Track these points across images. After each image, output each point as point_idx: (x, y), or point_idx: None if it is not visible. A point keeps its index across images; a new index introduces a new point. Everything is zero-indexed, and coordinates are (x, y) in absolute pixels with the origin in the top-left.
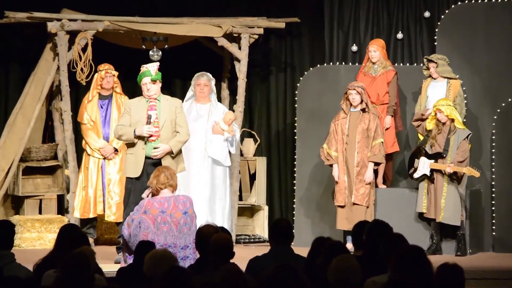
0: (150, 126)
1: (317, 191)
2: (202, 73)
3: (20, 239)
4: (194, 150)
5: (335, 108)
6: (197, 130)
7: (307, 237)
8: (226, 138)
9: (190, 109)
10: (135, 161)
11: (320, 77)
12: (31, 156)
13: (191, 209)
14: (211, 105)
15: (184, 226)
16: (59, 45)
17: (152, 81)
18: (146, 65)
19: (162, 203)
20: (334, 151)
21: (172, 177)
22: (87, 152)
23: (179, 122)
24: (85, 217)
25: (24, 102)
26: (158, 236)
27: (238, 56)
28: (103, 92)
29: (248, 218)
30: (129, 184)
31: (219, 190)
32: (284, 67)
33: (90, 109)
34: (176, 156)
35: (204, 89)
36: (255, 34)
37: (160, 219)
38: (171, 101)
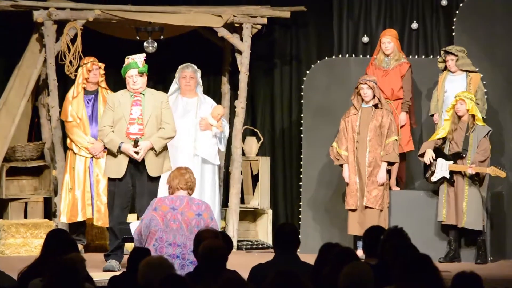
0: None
1: (326, 194)
2: (186, 65)
3: (4, 245)
4: (181, 148)
5: (345, 104)
6: (185, 126)
7: (314, 243)
8: (214, 134)
9: (176, 104)
10: (117, 160)
11: (328, 70)
12: (15, 155)
13: (206, 213)
14: (198, 99)
15: (195, 228)
16: (46, 36)
17: (139, 74)
18: (131, 56)
19: (174, 200)
20: (344, 150)
21: (195, 181)
22: (73, 150)
23: (165, 119)
24: (72, 221)
25: (8, 97)
26: (166, 234)
27: (240, 47)
28: (89, 87)
29: (250, 222)
30: (111, 186)
31: (208, 190)
32: (290, 59)
33: (75, 105)
34: (161, 153)
35: (190, 82)
36: (258, 24)
37: (170, 216)
38: (156, 95)
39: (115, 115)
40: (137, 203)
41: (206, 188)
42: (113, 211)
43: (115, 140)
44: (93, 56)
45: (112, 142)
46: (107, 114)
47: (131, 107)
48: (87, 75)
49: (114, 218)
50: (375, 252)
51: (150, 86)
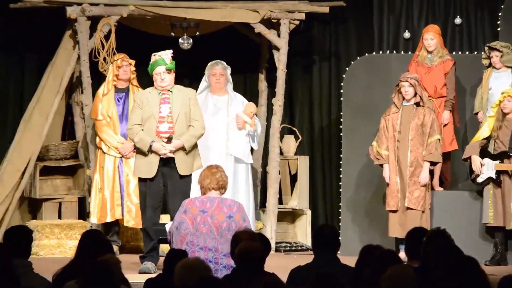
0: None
1: (366, 194)
2: (216, 62)
3: (38, 246)
4: (213, 148)
5: (386, 102)
6: (216, 125)
7: (354, 245)
8: (247, 132)
9: (206, 102)
10: (147, 160)
11: (369, 67)
12: (49, 154)
13: (238, 215)
14: (228, 97)
15: (227, 231)
16: (79, 32)
17: (166, 71)
18: (158, 53)
19: (204, 202)
20: (384, 149)
21: (226, 179)
22: (102, 150)
23: (194, 115)
24: (102, 221)
25: (41, 95)
26: (197, 238)
27: (277, 44)
28: (120, 85)
29: (289, 223)
30: (142, 186)
31: (242, 190)
32: (329, 56)
33: (106, 103)
34: (191, 152)
35: (220, 79)
36: (296, 19)
37: (200, 219)
38: (184, 92)
39: (144, 113)
40: (170, 203)
41: (240, 188)
42: (146, 212)
43: (146, 139)
44: (127, 53)
45: (143, 141)
46: (136, 112)
47: (159, 105)
48: (117, 71)
49: (147, 219)
50: (417, 254)
51: (185, 83)
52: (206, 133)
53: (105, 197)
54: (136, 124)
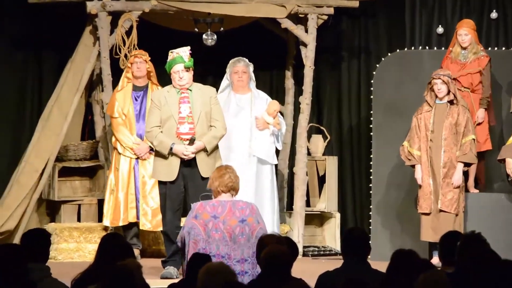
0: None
1: (397, 196)
2: (238, 59)
3: (56, 250)
4: (236, 148)
5: (418, 100)
6: (239, 125)
7: (385, 250)
8: (271, 132)
9: (229, 101)
10: (168, 162)
11: (400, 63)
12: (68, 155)
13: (251, 218)
14: (252, 95)
15: (240, 236)
16: (100, 28)
17: (185, 69)
18: (176, 50)
19: (216, 207)
20: (416, 149)
21: (236, 180)
22: (118, 150)
23: (215, 115)
24: (114, 224)
25: (61, 93)
26: (209, 245)
27: (305, 40)
28: (137, 82)
29: (317, 227)
30: (163, 188)
31: (267, 192)
32: (358, 52)
33: (121, 100)
34: (212, 153)
35: (242, 77)
36: (324, 14)
37: (212, 225)
38: (204, 90)
39: (163, 114)
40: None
41: (264, 190)
42: (166, 215)
43: (166, 142)
44: (148, 49)
45: (163, 144)
46: (154, 113)
47: (179, 104)
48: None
49: (168, 222)
50: (452, 259)
51: (209, 81)
52: (229, 133)
53: (119, 199)
54: (155, 126)
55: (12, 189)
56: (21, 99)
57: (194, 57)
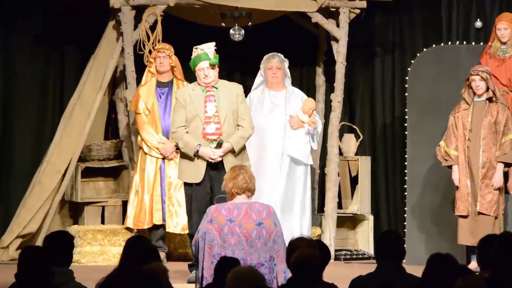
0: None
1: (433, 198)
2: (272, 54)
3: (80, 253)
4: (269, 148)
5: (455, 97)
6: (273, 123)
7: (421, 254)
8: (307, 131)
9: (263, 98)
10: (194, 164)
11: (436, 59)
12: (91, 155)
13: (268, 220)
14: (287, 92)
15: (257, 240)
16: (123, 23)
17: (210, 66)
18: (200, 46)
19: (231, 210)
20: (453, 149)
21: (251, 180)
22: (144, 150)
23: (242, 114)
24: (139, 227)
25: (83, 91)
26: (224, 250)
27: (336, 35)
28: (161, 78)
29: (349, 229)
30: (189, 190)
31: (298, 193)
32: (392, 47)
33: (144, 95)
34: (239, 154)
35: (277, 73)
36: (356, 8)
37: (227, 229)
38: (231, 87)
39: (188, 113)
40: None
41: (296, 191)
42: (192, 217)
43: (191, 144)
44: (173, 45)
45: (188, 146)
46: (179, 113)
47: (204, 103)
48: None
49: (194, 224)
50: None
51: (236, 78)
52: (262, 132)
53: (144, 201)
54: (180, 126)
55: (34, 190)
56: (43, 97)
57: (220, 53)
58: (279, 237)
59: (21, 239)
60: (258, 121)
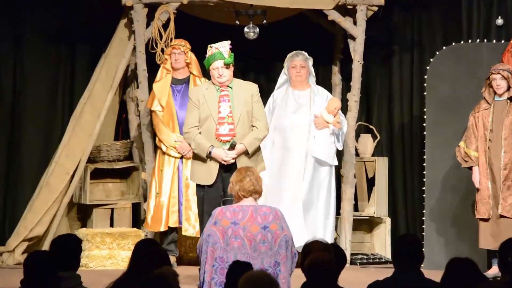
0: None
1: (453, 200)
2: (296, 52)
3: (88, 257)
4: (293, 149)
5: (475, 97)
6: (297, 123)
7: (440, 258)
8: (332, 131)
9: (286, 98)
10: (206, 165)
11: (456, 57)
12: (101, 156)
13: (274, 224)
14: (311, 91)
15: (261, 244)
16: (135, 21)
17: (225, 65)
18: (215, 45)
19: (236, 212)
20: (473, 150)
21: (258, 182)
22: (162, 149)
23: (257, 114)
24: (155, 230)
25: (93, 90)
26: (227, 253)
27: (353, 33)
28: (177, 75)
29: (366, 233)
30: (200, 191)
31: (323, 195)
32: (410, 46)
33: (158, 91)
34: (253, 155)
35: (301, 72)
36: (374, 5)
37: (231, 232)
38: (246, 87)
39: (201, 113)
40: None
41: (321, 193)
42: (204, 220)
43: (204, 145)
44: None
45: (200, 147)
46: (192, 113)
47: (218, 103)
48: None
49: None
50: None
51: (250, 77)
52: (286, 132)
53: (161, 203)
54: (193, 127)
55: (42, 192)
56: (52, 96)
57: (235, 52)
58: (286, 242)
59: (27, 243)
60: (282, 121)
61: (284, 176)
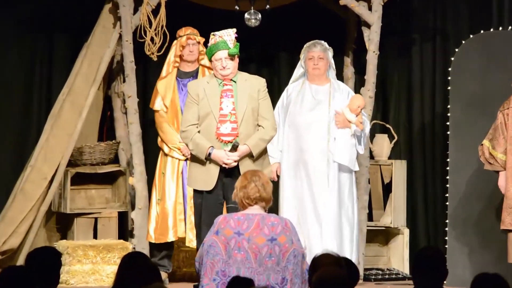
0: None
1: (479, 209)
2: (313, 42)
3: (68, 272)
4: (310, 151)
5: (505, 92)
6: (315, 122)
7: (464, 273)
8: (353, 133)
9: (303, 93)
10: (205, 168)
11: (484, 47)
12: (83, 159)
13: (283, 236)
14: (331, 86)
15: (267, 258)
16: (121, 6)
17: (229, 56)
18: (218, 33)
19: (241, 221)
20: (501, 153)
21: (265, 188)
22: (164, 151)
23: (263, 113)
24: (161, 241)
25: (74, 84)
26: (228, 267)
27: (368, 19)
28: (185, 68)
29: (381, 245)
30: (198, 198)
31: (346, 206)
32: (433, 34)
33: (163, 89)
34: (259, 158)
35: (319, 64)
36: None
37: (234, 243)
38: (251, 81)
39: (201, 109)
40: None
41: (344, 205)
42: (201, 231)
43: (203, 145)
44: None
45: (199, 148)
46: (191, 109)
47: (220, 99)
48: (180, 51)
49: (202, 238)
50: None
51: (253, 69)
52: (302, 132)
53: (166, 210)
54: (191, 125)
55: (16, 200)
56: (27, 91)
57: None
58: (296, 256)
59: (0, 256)
60: (297, 119)
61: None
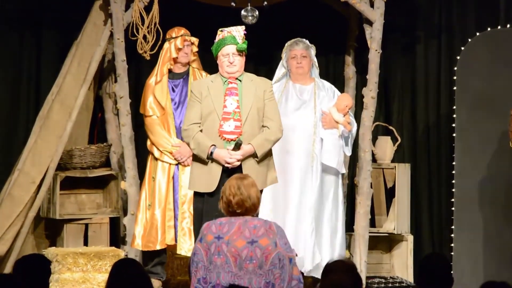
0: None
1: (486, 214)
2: (295, 41)
3: (58, 281)
4: (294, 153)
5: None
6: (300, 123)
7: (471, 282)
8: (341, 133)
9: (286, 93)
10: (207, 170)
11: (492, 45)
12: (73, 162)
13: (265, 239)
14: (315, 86)
15: (248, 261)
16: (112, 3)
17: (237, 52)
18: (227, 29)
19: (222, 226)
20: None
21: (249, 193)
22: (154, 155)
23: (269, 113)
24: (149, 248)
25: (63, 85)
26: (210, 273)
27: (370, 16)
28: (177, 69)
29: (384, 252)
30: (199, 202)
31: (328, 207)
32: (438, 32)
33: (159, 93)
34: (264, 160)
35: (302, 62)
36: None
37: (214, 248)
38: (258, 82)
39: (204, 108)
40: None
41: (326, 207)
42: None
43: (205, 144)
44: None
45: (201, 147)
46: (194, 108)
47: (224, 97)
48: (175, 54)
49: None
50: None
51: (250, 68)
52: (287, 134)
53: (156, 216)
54: (193, 123)
55: (3, 205)
56: (14, 93)
57: None
58: (281, 260)
59: None
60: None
61: (288, 185)
